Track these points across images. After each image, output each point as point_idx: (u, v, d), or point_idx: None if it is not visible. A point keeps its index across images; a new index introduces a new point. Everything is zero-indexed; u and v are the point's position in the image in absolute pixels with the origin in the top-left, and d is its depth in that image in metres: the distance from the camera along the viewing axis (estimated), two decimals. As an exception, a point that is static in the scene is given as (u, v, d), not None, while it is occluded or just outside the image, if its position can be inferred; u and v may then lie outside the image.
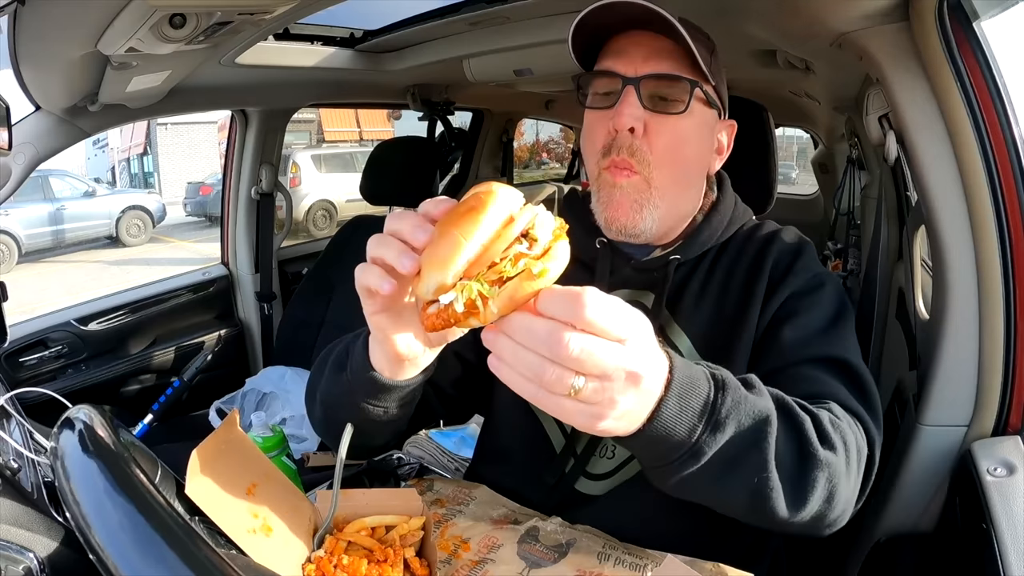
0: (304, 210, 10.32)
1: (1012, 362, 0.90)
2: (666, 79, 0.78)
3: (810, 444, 0.61)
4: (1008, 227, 0.87)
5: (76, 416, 0.72)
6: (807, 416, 0.63)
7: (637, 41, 0.79)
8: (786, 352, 0.76)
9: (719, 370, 0.58)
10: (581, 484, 0.84)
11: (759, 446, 0.57)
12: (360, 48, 1.85)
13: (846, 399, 0.71)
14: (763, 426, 0.58)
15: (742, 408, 0.56)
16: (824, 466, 0.61)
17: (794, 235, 0.87)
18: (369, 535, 0.71)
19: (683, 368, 0.54)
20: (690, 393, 0.53)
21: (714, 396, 0.55)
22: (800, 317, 0.78)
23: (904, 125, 0.96)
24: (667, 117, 0.78)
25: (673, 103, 0.78)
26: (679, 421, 0.53)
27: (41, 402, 1.35)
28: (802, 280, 0.80)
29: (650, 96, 0.78)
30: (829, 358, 0.74)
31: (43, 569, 0.66)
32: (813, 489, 0.61)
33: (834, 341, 0.76)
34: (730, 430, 0.55)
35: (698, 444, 0.55)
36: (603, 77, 0.80)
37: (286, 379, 1.91)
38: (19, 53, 1.16)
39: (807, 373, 0.73)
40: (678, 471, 0.56)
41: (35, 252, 10.04)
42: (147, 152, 18.96)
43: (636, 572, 0.70)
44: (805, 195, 3.33)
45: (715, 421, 0.55)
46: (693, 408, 0.54)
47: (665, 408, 0.52)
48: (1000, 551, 0.75)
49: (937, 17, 0.86)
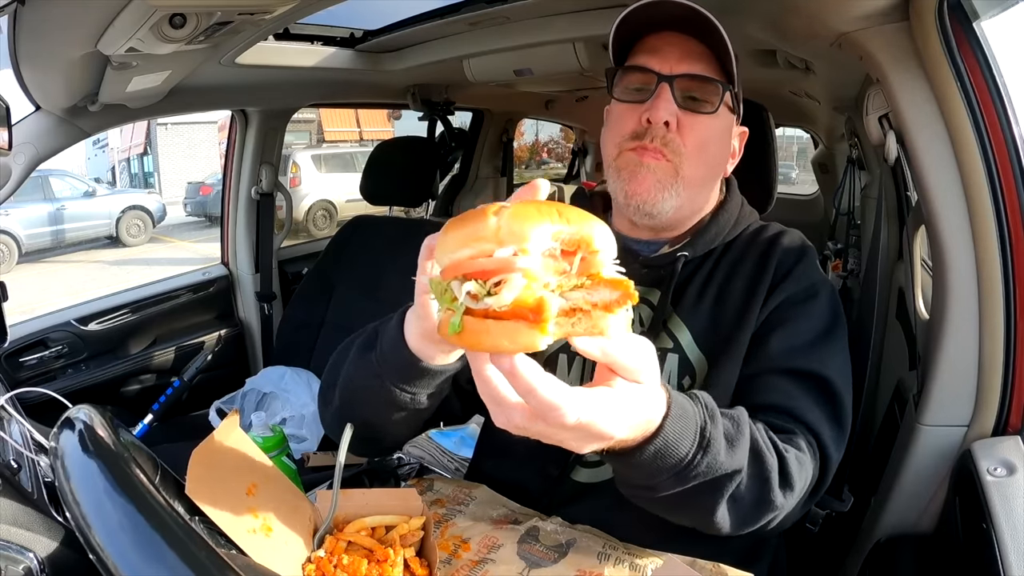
0: (304, 210, 10.32)
1: (1012, 362, 0.90)
2: (699, 80, 0.80)
3: (770, 491, 0.66)
4: (1008, 227, 0.87)
5: (76, 416, 0.72)
6: (776, 460, 0.67)
7: (671, 41, 0.81)
8: (769, 359, 0.78)
9: (710, 421, 0.60)
10: (577, 473, 0.86)
11: (713, 497, 0.62)
12: (360, 48, 1.85)
13: (813, 419, 0.73)
14: (726, 481, 0.61)
15: (713, 470, 0.60)
16: (778, 508, 0.67)
17: (798, 239, 0.88)
18: (369, 535, 0.71)
19: (672, 425, 0.55)
20: (667, 454, 0.56)
21: (691, 458, 0.57)
22: (789, 326, 0.79)
23: (904, 125, 0.96)
24: (698, 116, 0.80)
25: (704, 103, 0.81)
26: (649, 471, 0.57)
27: (41, 402, 1.35)
28: (798, 287, 0.81)
29: (683, 95, 0.80)
30: (808, 372, 0.76)
31: (43, 569, 0.66)
32: (759, 522, 0.68)
33: (816, 356, 0.77)
34: (691, 483, 0.59)
35: (657, 488, 0.60)
36: (638, 72, 0.82)
37: (286, 379, 1.91)
38: (19, 53, 1.16)
39: (782, 384, 0.76)
40: (631, 493, 0.64)
41: (35, 252, 10.04)
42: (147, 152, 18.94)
43: (636, 572, 0.70)
44: (805, 195, 3.33)
45: (683, 477, 0.58)
46: (666, 465, 0.57)
47: (642, 455, 0.55)
48: (1000, 551, 0.75)
49: (937, 17, 0.86)
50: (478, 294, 0.43)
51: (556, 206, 0.45)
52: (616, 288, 0.44)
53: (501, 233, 0.42)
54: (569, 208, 0.45)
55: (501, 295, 0.42)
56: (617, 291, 0.44)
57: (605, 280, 0.45)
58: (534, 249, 0.42)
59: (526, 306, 0.41)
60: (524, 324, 0.41)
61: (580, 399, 0.45)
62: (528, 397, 0.44)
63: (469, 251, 0.44)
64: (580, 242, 0.44)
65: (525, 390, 0.44)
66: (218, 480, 0.65)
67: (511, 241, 0.42)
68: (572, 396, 0.44)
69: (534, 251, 0.42)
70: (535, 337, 0.41)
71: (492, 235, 0.43)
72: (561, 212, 0.44)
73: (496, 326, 0.42)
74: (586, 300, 0.44)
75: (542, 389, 0.43)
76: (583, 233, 0.44)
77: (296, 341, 2.04)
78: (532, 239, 0.42)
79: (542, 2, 1.43)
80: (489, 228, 0.43)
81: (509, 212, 0.43)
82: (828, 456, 0.74)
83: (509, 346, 0.42)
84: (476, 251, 0.43)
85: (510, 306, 0.42)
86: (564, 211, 0.44)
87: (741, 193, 0.94)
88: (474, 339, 0.43)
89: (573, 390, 0.45)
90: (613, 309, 0.44)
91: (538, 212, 0.43)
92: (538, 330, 0.41)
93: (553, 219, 0.43)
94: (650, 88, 0.80)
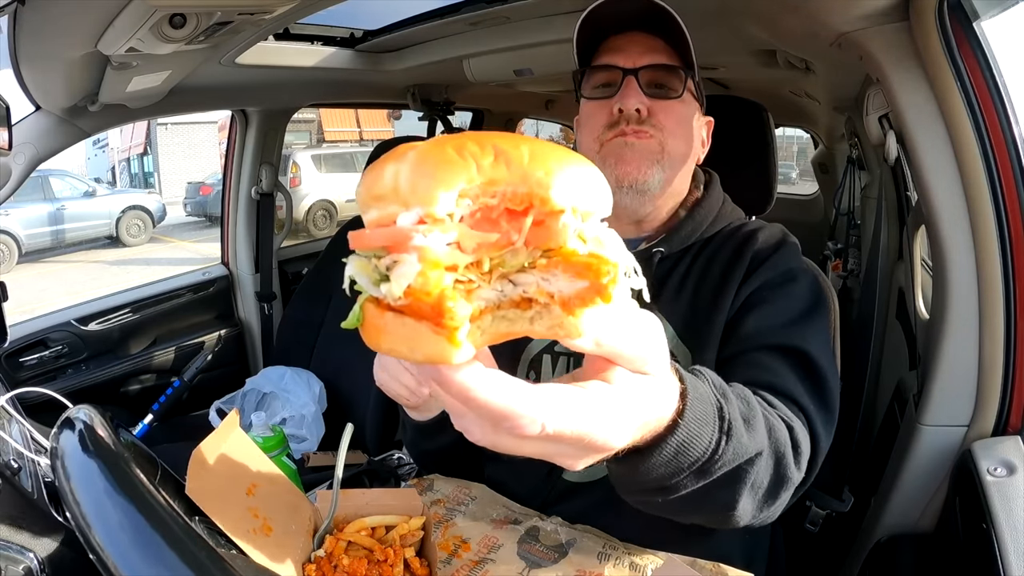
0: (304, 210, 10.31)
1: (1012, 362, 0.90)
2: (663, 68, 0.84)
3: (787, 467, 0.59)
4: (1008, 227, 0.87)
5: (76, 416, 0.72)
6: (786, 432, 0.61)
7: (633, 40, 0.84)
8: (747, 338, 0.76)
9: (724, 399, 0.51)
10: (567, 472, 0.85)
11: (735, 487, 0.55)
12: (360, 48, 1.85)
13: (797, 394, 0.68)
14: (747, 467, 0.54)
15: (738, 456, 0.52)
16: (794, 484, 0.61)
17: (778, 231, 0.87)
18: (369, 535, 0.71)
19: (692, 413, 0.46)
20: (689, 448, 0.47)
21: (714, 447, 0.49)
22: (767, 306, 0.78)
23: (904, 125, 0.96)
24: (667, 101, 0.84)
25: (669, 89, 0.84)
26: (666, 472, 0.48)
27: (41, 402, 1.34)
28: (776, 272, 0.81)
29: (648, 84, 0.83)
30: (788, 347, 0.73)
31: (43, 569, 0.66)
32: (776, 504, 0.61)
33: (796, 332, 0.75)
34: (714, 477, 0.51)
35: (675, 489, 0.50)
36: (603, 71, 0.85)
37: (286, 379, 1.91)
38: (19, 53, 1.16)
39: (762, 360, 0.72)
40: (640, 500, 0.55)
41: (35, 252, 10.03)
42: (147, 152, 18.95)
43: (636, 572, 0.70)
44: (805, 195, 3.33)
45: (705, 471, 0.50)
46: (687, 461, 0.48)
47: (659, 455, 0.46)
48: (1000, 551, 0.75)
49: (937, 17, 0.86)
50: (371, 277, 0.31)
51: (496, 142, 0.30)
52: (581, 275, 0.30)
53: (401, 190, 0.29)
54: (516, 143, 0.30)
55: (391, 283, 0.29)
56: (582, 280, 0.30)
57: (568, 259, 0.30)
58: (447, 212, 0.29)
59: (426, 303, 0.29)
60: (427, 326, 0.29)
61: (548, 402, 0.33)
62: (469, 407, 0.32)
63: (375, 212, 0.31)
64: (531, 197, 0.30)
65: (462, 398, 0.32)
66: (218, 480, 0.65)
67: (414, 202, 0.29)
68: (534, 399, 0.32)
69: (446, 216, 0.29)
70: (442, 347, 0.29)
71: (391, 192, 0.30)
72: (500, 152, 0.30)
73: (395, 324, 0.30)
74: (540, 288, 0.31)
75: (484, 394, 0.31)
76: (532, 184, 0.29)
77: (296, 341, 2.04)
78: (440, 200, 0.29)
79: (542, 2, 1.43)
80: (386, 182, 0.30)
81: (414, 156, 0.30)
82: (816, 434, 0.68)
83: (410, 354, 0.30)
84: (382, 214, 0.31)
85: (406, 299, 0.29)
86: (506, 150, 0.30)
87: (740, 193, 0.93)
88: (372, 337, 0.32)
89: (536, 390, 0.33)
90: (573, 309, 0.31)
91: (457, 156, 0.29)
92: (444, 338, 0.29)
93: (482, 166, 0.29)
94: (616, 83, 0.83)
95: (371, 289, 0.31)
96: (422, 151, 0.30)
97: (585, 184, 0.31)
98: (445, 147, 0.30)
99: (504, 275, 0.31)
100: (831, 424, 0.71)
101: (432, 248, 0.29)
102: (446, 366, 0.31)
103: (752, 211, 1.08)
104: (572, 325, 0.31)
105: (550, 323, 0.31)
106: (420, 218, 0.29)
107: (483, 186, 0.29)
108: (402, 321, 0.30)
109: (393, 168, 0.30)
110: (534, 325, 0.31)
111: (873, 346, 1.69)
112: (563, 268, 0.30)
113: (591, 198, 0.31)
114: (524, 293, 0.31)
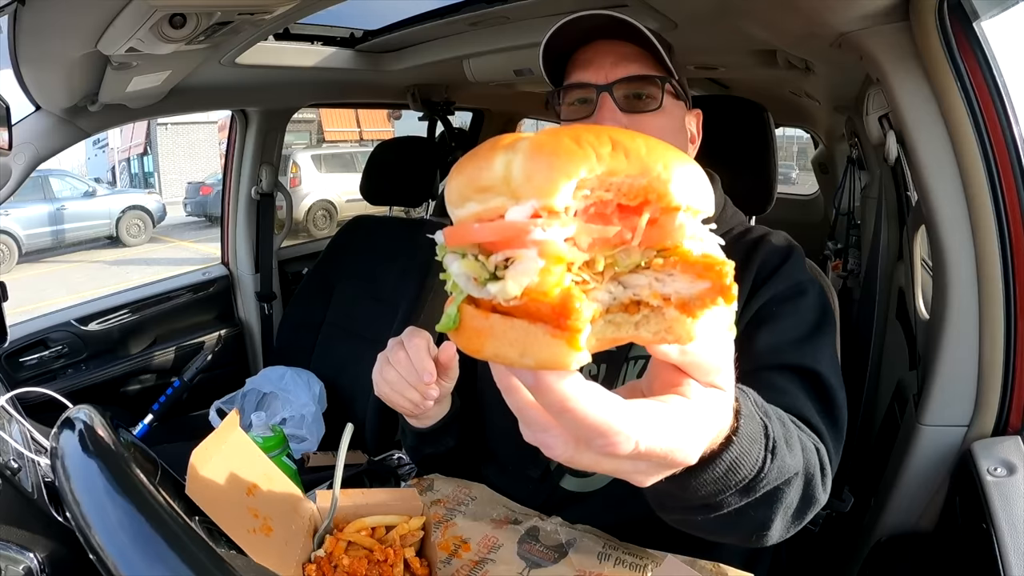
0: (304, 210, 10.31)
1: (1012, 362, 0.90)
2: (637, 80, 0.81)
3: (816, 488, 0.59)
4: (1008, 227, 0.87)
5: (76, 416, 0.72)
6: (815, 452, 0.61)
7: (602, 50, 0.82)
8: (759, 356, 0.76)
9: (767, 418, 0.50)
10: (567, 482, 0.85)
11: (772, 507, 0.54)
12: (360, 48, 1.85)
13: (810, 414, 0.69)
14: (785, 487, 0.53)
15: (782, 474, 0.51)
16: (820, 505, 0.61)
17: (783, 239, 0.87)
18: (369, 535, 0.71)
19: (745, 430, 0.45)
20: (740, 465, 0.46)
21: (760, 465, 0.47)
22: (778, 322, 0.77)
23: (904, 125, 0.96)
24: (644, 116, 0.81)
25: (647, 100, 0.82)
26: (714, 489, 0.46)
27: (41, 402, 1.34)
28: (785, 285, 0.80)
29: (624, 98, 0.81)
30: (800, 367, 0.73)
31: (43, 569, 0.66)
32: (801, 525, 0.60)
33: (808, 351, 0.75)
34: (756, 495, 0.50)
35: (719, 507, 0.49)
36: (576, 89, 0.83)
37: (286, 379, 1.91)
38: (19, 53, 1.16)
39: (775, 381, 0.72)
40: (679, 519, 0.54)
41: (35, 252, 10.04)
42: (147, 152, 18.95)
43: (636, 572, 0.70)
44: (805, 195, 3.33)
45: (750, 489, 0.49)
46: (736, 479, 0.46)
47: (712, 471, 0.44)
48: (1000, 551, 0.75)
49: (937, 17, 0.86)
50: (479, 276, 0.28)
51: (612, 134, 0.28)
52: (702, 275, 0.28)
53: (514, 180, 0.27)
54: (632, 136, 0.28)
55: (506, 281, 0.27)
56: (703, 280, 0.28)
57: (687, 259, 0.29)
58: (565, 205, 0.27)
59: (544, 302, 0.26)
60: (544, 329, 0.27)
61: (642, 418, 0.31)
62: (563, 418, 0.30)
63: (476, 206, 0.29)
64: (648, 192, 0.28)
65: (557, 408, 0.30)
66: (218, 480, 0.65)
67: (528, 194, 0.27)
68: (630, 415, 0.31)
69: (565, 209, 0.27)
70: (560, 351, 0.27)
71: (501, 183, 0.27)
72: (617, 143, 0.28)
73: (503, 327, 0.28)
74: (654, 291, 0.29)
75: (583, 406, 0.29)
76: (652, 178, 0.28)
77: (296, 341, 2.04)
78: (561, 190, 0.26)
79: (542, 2, 1.43)
80: (496, 172, 0.28)
81: (527, 145, 0.27)
82: (830, 455, 0.69)
83: (519, 360, 0.28)
84: (484, 207, 0.28)
85: (521, 299, 0.27)
86: (623, 141, 0.28)
87: (740, 193, 0.93)
88: (472, 341, 0.29)
89: (631, 406, 0.31)
90: (693, 311, 0.29)
91: (575, 145, 0.27)
92: (564, 341, 0.27)
93: (601, 155, 0.27)
94: (592, 99, 0.81)
95: (473, 289, 0.28)
96: (537, 140, 0.27)
97: (698, 182, 0.30)
98: (562, 136, 0.27)
99: (616, 276, 0.29)
100: (841, 445, 0.72)
101: (554, 242, 0.26)
102: (551, 373, 0.28)
103: (752, 211, 1.08)
104: (686, 329, 0.29)
105: (657, 328, 0.29)
106: (535, 211, 0.27)
107: (602, 177, 0.27)
108: (511, 323, 0.27)
109: (504, 157, 0.27)
110: (640, 331, 0.29)
111: (873, 346, 1.69)
112: (682, 268, 0.29)
113: (703, 197, 0.30)
114: (635, 296, 0.29)
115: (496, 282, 0.27)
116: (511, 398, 0.33)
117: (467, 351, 0.30)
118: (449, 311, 0.30)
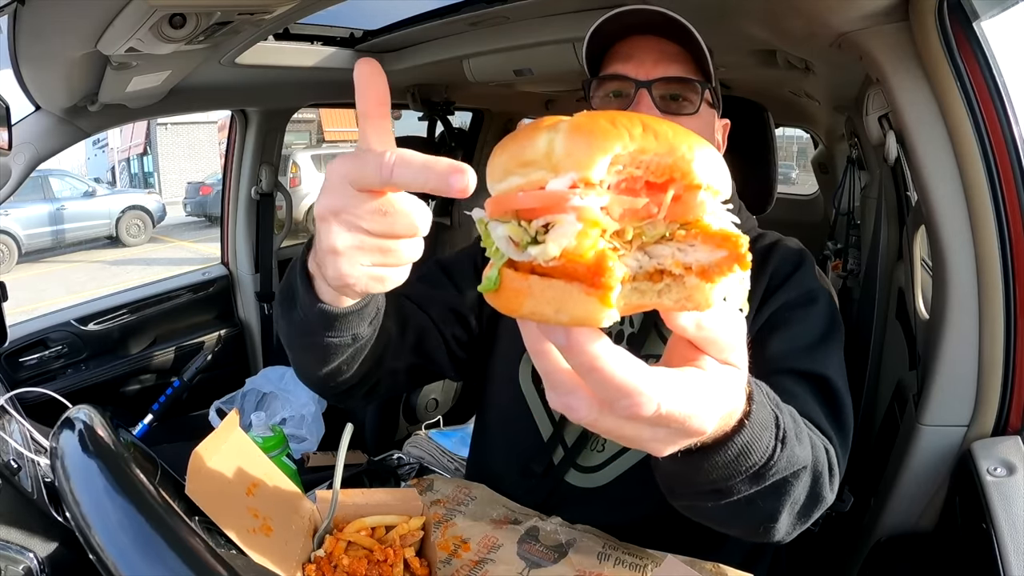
0: (304, 210, 10.30)
1: (1012, 362, 0.90)
2: (677, 82, 0.79)
3: (823, 486, 0.60)
4: (1008, 227, 0.87)
5: (76, 416, 0.72)
6: (823, 449, 0.61)
7: (645, 45, 0.80)
8: (770, 361, 0.76)
9: (777, 407, 0.51)
10: (572, 476, 0.85)
11: (780, 498, 0.55)
12: (360, 48, 1.85)
13: (819, 418, 0.70)
14: (793, 479, 0.54)
15: (791, 464, 0.52)
16: (827, 503, 0.61)
17: (795, 246, 0.87)
18: (369, 535, 0.71)
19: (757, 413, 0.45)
20: (752, 449, 0.46)
21: (771, 451, 0.48)
22: (789, 328, 0.78)
23: (904, 125, 0.96)
24: (679, 119, 0.80)
25: (684, 104, 0.80)
26: (726, 473, 0.47)
27: (41, 402, 1.35)
28: (797, 292, 0.80)
29: (662, 97, 0.80)
30: (811, 373, 0.74)
31: (43, 569, 0.66)
32: (807, 523, 0.61)
33: (818, 358, 0.76)
34: (766, 484, 0.51)
35: (728, 493, 0.50)
36: (614, 81, 0.81)
37: (286, 379, 1.91)
38: (19, 53, 1.16)
39: (786, 385, 0.73)
40: (688, 504, 0.54)
41: (35, 252, 10.03)
42: (147, 152, 18.95)
43: (636, 572, 0.70)
44: (805, 195, 3.33)
45: (760, 476, 0.49)
46: (747, 463, 0.47)
47: (725, 453, 0.45)
48: (1000, 551, 0.75)
49: (937, 17, 0.86)
50: (520, 240, 0.31)
51: (642, 118, 0.32)
52: (721, 245, 0.32)
53: (555, 156, 0.31)
54: (659, 121, 0.32)
55: (547, 244, 0.30)
56: (721, 250, 0.32)
57: (707, 232, 0.32)
58: (600, 179, 0.30)
59: (581, 263, 0.30)
60: (579, 288, 0.30)
61: (664, 383, 0.33)
62: (591, 377, 0.32)
63: (518, 179, 0.32)
64: (673, 170, 0.32)
65: (586, 367, 0.31)
66: (218, 480, 0.65)
67: (568, 167, 0.30)
68: (653, 378, 0.32)
69: (600, 182, 0.30)
70: (593, 308, 0.30)
71: (543, 158, 0.31)
72: (647, 125, 0.31)
73: (540, 286, 0.31)
74: (676, 260, 0.32)
75: (611, 366, 0.31)
76: (677, 157, 0.31)
77: (296, 341, 2.04)
78: (598, 164, 0.30)
79: (542, 2, 1.43)
80: (539, 148, 0.31)
81: (567, 125, 0.31)
82: (837, 459, 0.69)
83: (555, 316, 0.30)
84: (526, 180, 0.32)
85: (559, 260, 0.30)
86: (651, 124, 0.32)
87: (741, 193, 0.93)
88: (511, 301, 0.32)
89: (654, 371, 0.33)
90: (712, 277, 0.32)
91: (611, 125, 0.31)
92: (597, 299, 0.29)
93: (634, 135, 0.31)
94: (629, 94, 0.79)
95: (514, 253, 0.32)
96: (576, 121, 0.31)
97: (718, 164, 0.33)
98: (598, 118, 0.31)
99: (643, 246, 0.32)
100: (847, 450, 0.73)
101: (591, 208, 0.30)
102: (583, 330, 0.31)
103: (752, 211, 1.08)
104: (704, 296, 0.32)
105: (679, 296, 0.32)
106: (573, 183, 0.30)
107: (634, 155, 0.31)
108: (549, 283, 0.30)
109: (547, 135, 0.31)
110: (662, 298, 0.32)
111: (873, 346, 1.69)
112: (702, 240, 0.32)
113: (722, 178, 0.33)
114: (659, 265, 0.32)
115: (536, 245, 0.31)
116: (540, 361, 0.34)
117: (504, 311, 0.33)
118: (489, 275, 0.33)
